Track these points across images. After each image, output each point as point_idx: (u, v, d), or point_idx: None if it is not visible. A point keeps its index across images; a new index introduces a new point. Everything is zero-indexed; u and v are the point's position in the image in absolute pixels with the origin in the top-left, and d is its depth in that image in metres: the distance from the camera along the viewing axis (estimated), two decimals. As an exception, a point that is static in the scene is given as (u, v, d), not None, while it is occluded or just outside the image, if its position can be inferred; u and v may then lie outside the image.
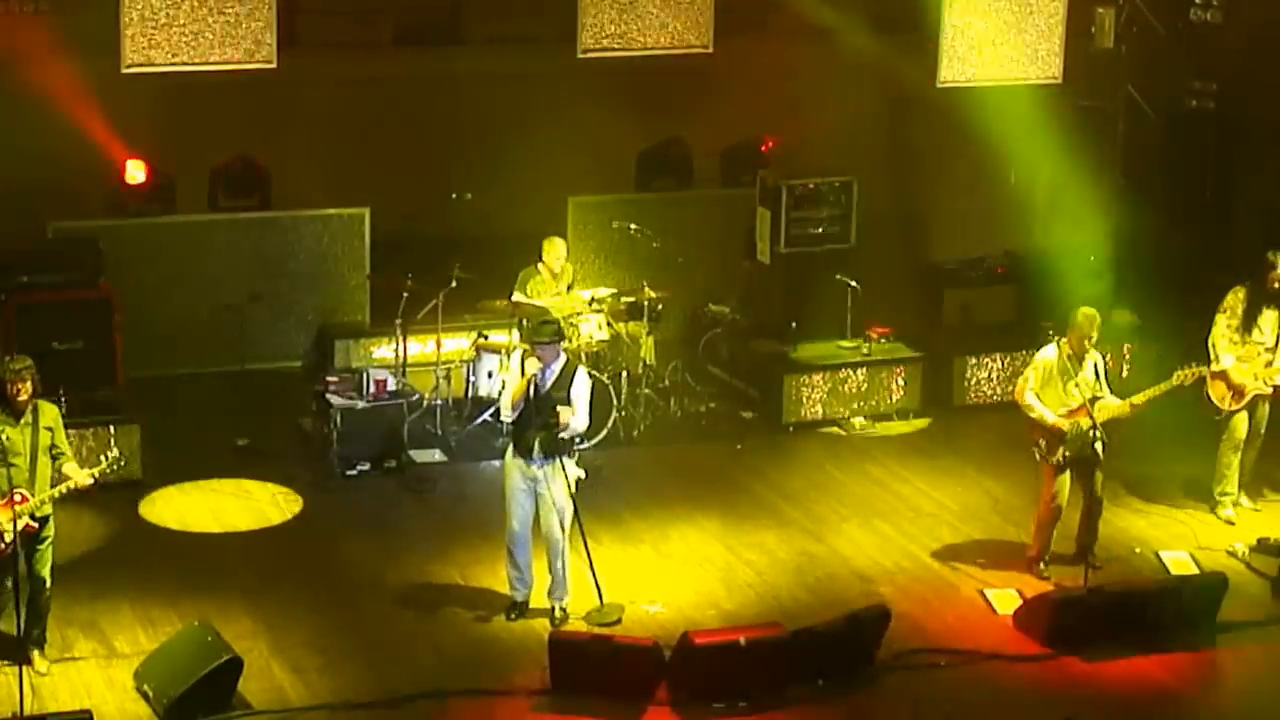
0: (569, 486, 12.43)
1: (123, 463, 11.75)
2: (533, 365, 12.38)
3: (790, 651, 11.91)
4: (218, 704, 11.36)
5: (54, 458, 11.68)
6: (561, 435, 12.38)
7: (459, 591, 13.10)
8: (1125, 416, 13.32)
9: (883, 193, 17.22)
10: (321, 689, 11.78)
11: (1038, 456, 13.34)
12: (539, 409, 12.37)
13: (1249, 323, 14.09)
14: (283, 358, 17.02)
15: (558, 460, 12.41)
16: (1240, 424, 14.25)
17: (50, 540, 11.69)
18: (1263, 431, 14.40)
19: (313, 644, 12.31)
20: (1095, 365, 13.30)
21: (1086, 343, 13.16)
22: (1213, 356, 14.06)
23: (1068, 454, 13.19)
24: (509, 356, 14.79)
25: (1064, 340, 13.21)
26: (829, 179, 16.83)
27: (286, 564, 13.49)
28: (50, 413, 11.71)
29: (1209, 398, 14.14)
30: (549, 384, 12.40)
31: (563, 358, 12.51)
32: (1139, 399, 13.32)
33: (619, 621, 12.52)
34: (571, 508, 12.50)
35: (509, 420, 12.62)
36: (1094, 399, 13.17)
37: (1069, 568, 13.37)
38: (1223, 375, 14.09)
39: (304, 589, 13.06)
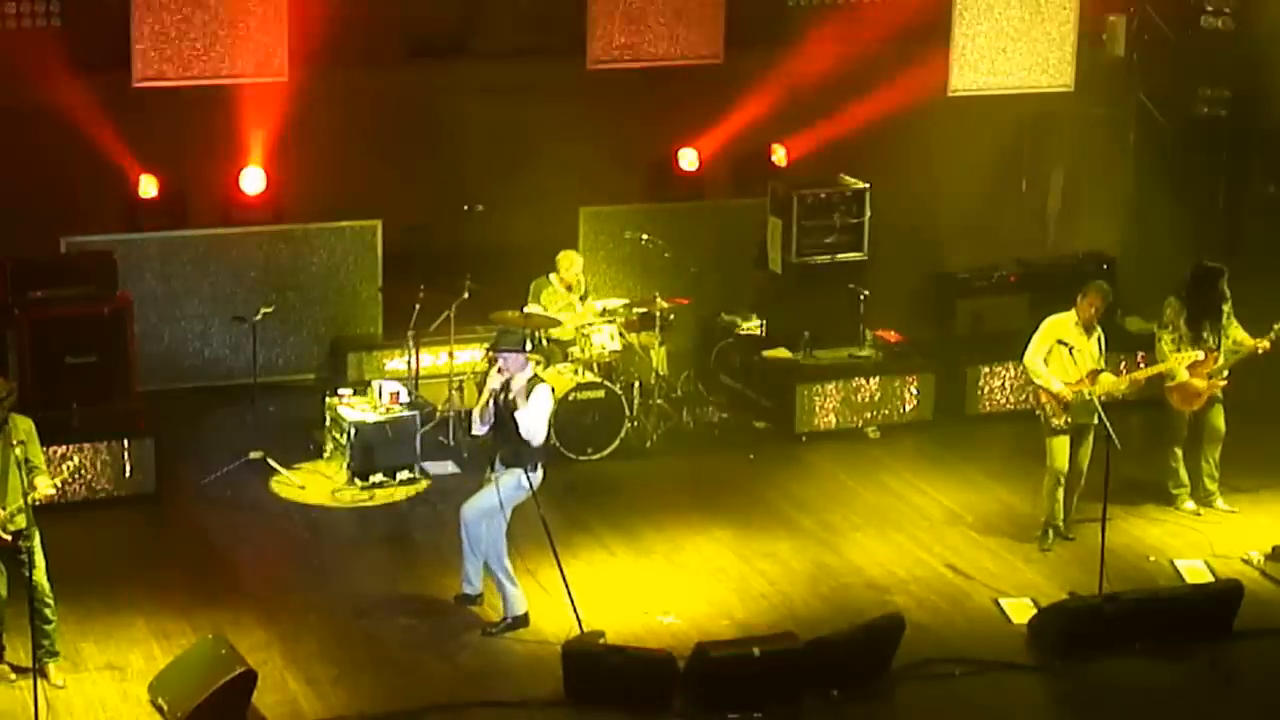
0: (531, 497, 12.31)
1: (81, 474, 11.47)
2: (494, 379, 12.33)
3: (804, 661, 11.89)
4: (232, 717, 11.35)
5: (29, 471, 11.48)
6: (523, 444, 12.25)
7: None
8: (1122, 393, 14.07)
9: (894, 201, 17.18)
10: (335, 701, 11.78)
11: (1041, 419, 13.81)
12: (502, 422, 12.33)
13: (1194, 333, 14.23)
14: (295, 370, 17.03)
15: (518, 472, 12.33)
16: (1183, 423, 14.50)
17: (32, 549, 11.52)
18: (1222, 432, 14.49)
19: (326, 656, 12.30)
20: (1100, 340, 13.82)
21: (1095, 312, 13.68)
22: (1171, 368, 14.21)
23: (1068, 420, 13.68)
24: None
25: (1073, 309, 13.73)
26: (840, 188, 16.81)
27: (299, 576, 13.49)
28: (24, 425, 11.57)
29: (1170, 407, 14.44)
30: (512, 395, 12.31)
31: (529, 371, 12.40)
32: (1139, 375, 14.22)
33: None
34: (499, 513, 12.30)
35: (480, 433, 12.55)
36: (1096, 371, 13.65)
37: (1083, 577, 13.32)
38: (1180, 386, 14.25)
39: (317, 600, 13.05)
